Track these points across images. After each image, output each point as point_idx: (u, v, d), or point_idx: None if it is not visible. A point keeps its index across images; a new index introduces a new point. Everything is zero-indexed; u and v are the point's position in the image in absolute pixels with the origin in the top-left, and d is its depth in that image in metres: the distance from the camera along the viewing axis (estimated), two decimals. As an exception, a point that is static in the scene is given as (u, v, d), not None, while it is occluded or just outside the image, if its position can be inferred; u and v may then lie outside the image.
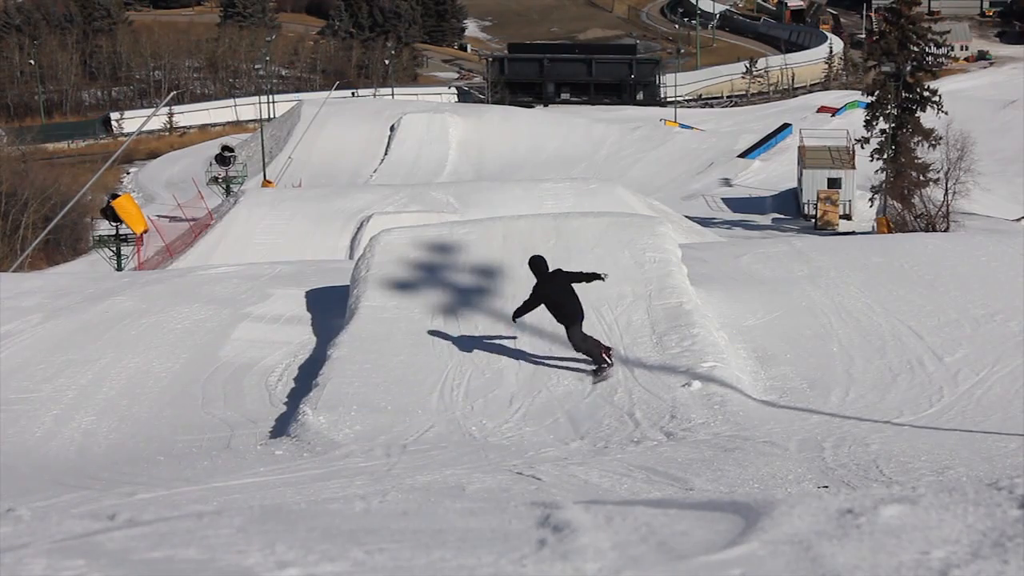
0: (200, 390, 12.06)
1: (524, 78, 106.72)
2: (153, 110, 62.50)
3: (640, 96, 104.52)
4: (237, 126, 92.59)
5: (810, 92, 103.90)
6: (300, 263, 23.23)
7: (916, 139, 48.78)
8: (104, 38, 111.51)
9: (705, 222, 44.00)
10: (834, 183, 50.61)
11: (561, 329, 11.77)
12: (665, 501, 3.73)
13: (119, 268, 35.71)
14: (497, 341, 12.50)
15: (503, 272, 14.04)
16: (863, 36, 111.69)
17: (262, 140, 60.54)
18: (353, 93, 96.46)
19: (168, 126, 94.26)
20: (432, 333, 12.73)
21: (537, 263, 11.86)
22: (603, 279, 11.82)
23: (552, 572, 2.52)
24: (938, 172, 43.78)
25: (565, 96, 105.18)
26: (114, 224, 36.36)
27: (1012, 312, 13.01)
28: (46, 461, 9.74)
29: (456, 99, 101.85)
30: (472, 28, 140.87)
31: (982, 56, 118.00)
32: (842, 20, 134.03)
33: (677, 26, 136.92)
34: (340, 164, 61.98)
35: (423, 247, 14.88)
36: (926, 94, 50.30)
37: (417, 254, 14.70)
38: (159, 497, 7.09)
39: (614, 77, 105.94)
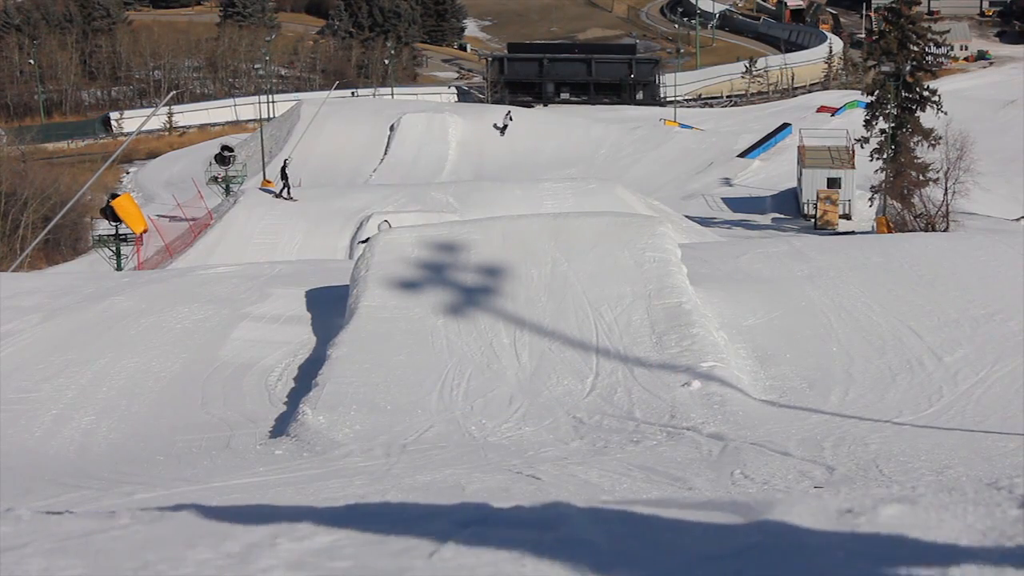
0: (200, 390, 12.06)
1: (524, 78, 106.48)
2: (153, 110, 62.44)
3: (640, 96, 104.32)
4: (237, 126, 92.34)
5: (810, 92, 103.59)
6: (300, 263, 23.26)
7: (916, 139, 48.71)
8: (104, 38, 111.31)
9: (705, 222, 43.93)
10: (834, 183, 50.52)
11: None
12: (665, 500, 3.72)
13: (119, 268, 35.62)
14: (497, 341, 12.50)
15: (503, 272, 14.05)
16: (863, 36, 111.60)
17: (261, 140, 60.40)
18: (353, 93, 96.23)
19: (168, 126, 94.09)
20: (432, 333, 12.73)
21: None
22: None
23: (551, 572, 2.52)
24: (938, 172, 43.70)
25: (565, 96, 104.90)
26: (114, 224, 36.22)
27: (1012, 312, 13.00)
28: (46, 461, 9.74)
29: (456, 99, 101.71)
30: (472, 28, 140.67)
31: (982, 56, 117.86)
32: (842, 20, 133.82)
33: (677, 26, 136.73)
34: (340, 164, 61.85)
35: (423, 247, 14.88)
36: (926, 94, 50.27)
37: (417, 254, 14.70)
38: (159, 497, 7.10)
39: (614, 77, 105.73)
